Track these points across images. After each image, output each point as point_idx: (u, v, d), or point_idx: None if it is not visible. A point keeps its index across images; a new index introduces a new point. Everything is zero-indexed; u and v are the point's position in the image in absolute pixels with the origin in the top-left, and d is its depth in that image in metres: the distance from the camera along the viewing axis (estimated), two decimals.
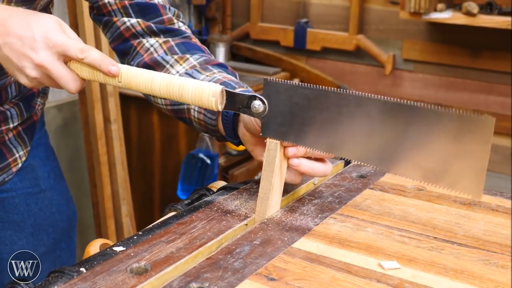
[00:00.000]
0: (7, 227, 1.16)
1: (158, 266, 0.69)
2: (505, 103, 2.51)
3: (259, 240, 0.77)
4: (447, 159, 0.75)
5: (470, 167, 0.73)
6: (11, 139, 1.13)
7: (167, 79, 0.85)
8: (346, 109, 0.79)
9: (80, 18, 2.17)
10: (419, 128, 0.75)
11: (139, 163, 2.64)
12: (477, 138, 0.72)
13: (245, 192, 0.92)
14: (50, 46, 0.83)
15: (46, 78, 0.85)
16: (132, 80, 0.86)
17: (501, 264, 0.73)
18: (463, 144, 0.73)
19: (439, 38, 2.61)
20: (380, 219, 0.85)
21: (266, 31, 2.95)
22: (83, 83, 0.88)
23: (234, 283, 0.67)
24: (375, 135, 0.78)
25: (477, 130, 0.72)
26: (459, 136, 0.73)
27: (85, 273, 0.68)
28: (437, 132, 0.74)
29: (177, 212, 0.87)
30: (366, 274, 0.70)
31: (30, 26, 0.83)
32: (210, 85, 0.83)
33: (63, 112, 2.45)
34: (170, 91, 0.84)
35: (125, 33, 1.03)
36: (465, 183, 0.74)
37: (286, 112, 0.82)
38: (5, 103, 1.09)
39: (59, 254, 1.24)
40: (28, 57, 0.83)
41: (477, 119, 0.71)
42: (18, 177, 1.16)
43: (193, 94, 0.83)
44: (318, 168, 0.86)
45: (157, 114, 2.52)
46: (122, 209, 2.41)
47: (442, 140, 0.74)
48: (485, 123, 0.71)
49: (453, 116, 0.73)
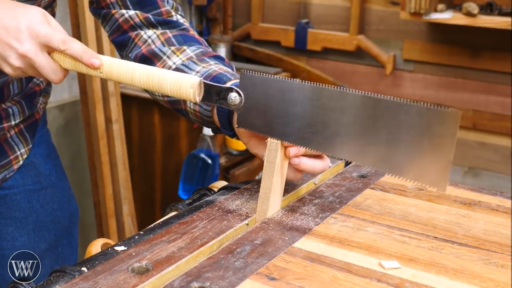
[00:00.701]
0: (9, 223, 1.17)
1: (160, 266, 0.69)
2: (505, 103, 2.52)
3: (260, 239, 0.77)
4: (414, 152, 0.76)
5: (436, 160, 0.75)
6: (13, 137, 1.14)
7: (147, 70, 0.86)
8: (318, 102, 0.80)
9: (82, 18, 2.18)
10: (387, 121, 0.76)
11: (140, 163, 2.64)
12: (443, 131, 0.73)
13: (246, 192, 0.92)
14: (34, 36, 0.85)
15: (30, 68, 0.87)
16: (113, 72, 0.87)
17: (501, 264, 0.74)
18: (430, 137, 0.74)
19: (439, 38, 2.61)
20: (380, 219, 0.85)
21: (267, 32, 2.95)
22: (65, 73, 0.90)
23: (235, 283, 0.67)
24: (345, 128, 0.79)
25: (444, 123, 0.73)
26: (426, 129, 0.74)
27: (87, 273, 0.68)
28: (404, 124, 0.75)
29: (178, 212, 0.87)
30: (366, 274, 0.70)
31: (16, 17, 0.85)
32: (188, 77, 0.84)
33: (64, 112, 2.46)
34: (150, 83, 0.86)
35: (124, 25, 1.05)
36: (430, 175, 0.76)
37: (262, 105, 0.84)
38: (7, 101, 1.10)
39: (61, 251, 1.25)
40: (12, 47, 0.84)
41: (444, 112, 0.72)
42: (20, 174, 1.17)
43: (172, 85, 0.84)
44: (317, 166, 0.87)
45: (158, 114, 2.52)
46: (124, 208, 2.41)
47: (409, 133, 0.75)
48: (452, 116, 0.72)
49: (420, 109, 0.74)
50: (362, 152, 0.79)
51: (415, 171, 0.77)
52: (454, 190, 0.97)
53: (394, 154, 0.77)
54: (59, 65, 0.88)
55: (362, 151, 0.79)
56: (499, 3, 2.37)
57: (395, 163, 0.78)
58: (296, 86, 0.82)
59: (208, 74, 0.95)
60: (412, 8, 2.36)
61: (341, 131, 0.80)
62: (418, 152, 0.76)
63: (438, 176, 0.75)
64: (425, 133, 0.74)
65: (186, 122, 2.46)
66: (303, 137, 0.82)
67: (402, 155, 0.77)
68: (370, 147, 0.79)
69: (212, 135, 2.38)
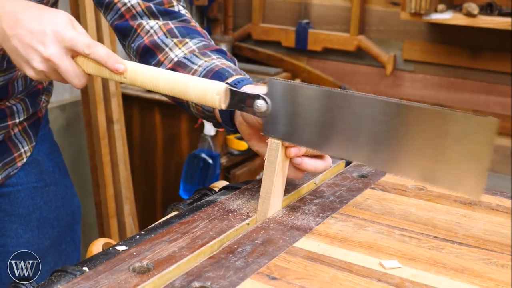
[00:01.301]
0: (13, 220, 1.17)
1: (161, 265, 0.69)
2: (505, 103, 2.52)
3: (261, 239, 0.77)
4: (449, 160, 0.74)
5: (471, 167, 0.73)
6: (17, 134, 1.15)
7: (172, 77, 0.86)
8: (348, 110, 0.79)
9: (83, 18, 2.17)
10: (423, 129, 0.75)
11: (141, 163, 2.64)
12: (480, 139, 0.72)
13: (247, 192, 0.93)
14: (60, 40, 0.85)
15: (53, 72, 0.87)
16: (138, 78, 0.87)
17: (501, 263, 0.74)
18: (466, 145, 0.73)
19: (439, 38, 2.61)
20: (381, 219, 0.85)
21: (267, 32, 2.95)
22: (88, 78, 0.90)
23: (236, 282, 0.67)
24: (378, 136, 0.78)
25: (480, 131, 0.72)
26: (462, 137, 0.73)
27: (88, 272, 0.68)
28: (440, 133, 0.74)
29: (179, 212, 0.87)
30: (367, 273, 0.70)
31: (42, 21, 0.85)
32: (214, 84, 0.83)
33: (66, 112, 2.46)
34: (174, 89, 0.85)
35: (126, 14, 1.05)
36: (466, 184, 0.74)
37: (288, 112, 0.83)
38: (11, 98, 1.11)
39: (65, 248, 1.26)
40: (36, 50, 0.84)
41: (481, 120, 0.71)
42: (24, 172, 1.18)
43: (197, 92, 0.84)
44: (319, 165, 0.87)
45: (159, 115, 2.53)
46: (125, 208, 2.42)
47: (445, 141, 0.74)
48: (489, 124, 0.71)
49: (458, 117, 0.73)
50: (395, 161, 0.78)
51: (450, 180, 0.75)
52: None
53: (427, 162, 0.76)
54: (82, 70, 0.88)
55: (395, 160, 0.78)
56: (499, 3, 2.37)
57: (429, 171, 0.76)
58: (324, 93, 0.80)
59: (210, 69, 0.95)
60: (412, 8, 2.37)
61: (373, 139, 0.78)
62: (453, 160, 0.74)
63: (473, 184, 0.74)
64: (461, 141, 0.73)
65: (187, 122, 2.46)
66: (325, 142, 0.81)
67: (436, 163, 0.75)
68: (402, 155, 0.77)
69: (213, 135, 2.39)
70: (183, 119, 2.46)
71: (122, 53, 2.55)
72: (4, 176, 1.15)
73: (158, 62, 1.01)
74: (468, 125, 0.72)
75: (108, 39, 2.24)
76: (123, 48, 1.08)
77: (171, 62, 0.99)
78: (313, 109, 0.81)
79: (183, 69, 0.98)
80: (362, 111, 0.78)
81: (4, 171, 1.14)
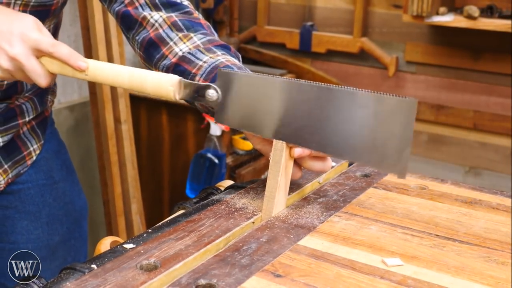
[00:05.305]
0: (23, 217, 1.19)
1: (167, 263, 0.69)
2: (506, 104, 2.52)
3: (266, 237, 0.78)
4: (375, 140, 0.78)
5: (395, 147, 0.77)
6: (26, 133, 1.17)
7: (129, 73, 0.88)
8: (287, 95, 0.83)
9: (92, 21, 2.19)
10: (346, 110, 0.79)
11: (148, 163, 2.65)
12: (401, 119, 0.76)
13: (252, 191, 0.93)
14: (25, 40, 0.88)
15: (18, 71, 0.90)
16: (98, 75, 0.90)
17: (501, 261, 0.74)
18: (390, 125, 0.77)
19: (441, 40, 2.61)
20: (383, 217, 0.86)
21: (272, 34, 2.96)
22: (52, 77, 0.93)
23: (241, 280, 0.67)
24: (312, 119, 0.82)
25: (402, 112, 0.75)
26: (386, 118, 0.77)
27: (96, 270, 0.69)
28: (368, 115, 0.78)
29: (186, 210, 0.88)
30: (370, 271, 0.71)
31: (10, 23, 0.88)
32: (168, 76, 0.86)
33: (74, 113, 2.47)
34: (132, 83, 0.88)
35: (129, 6, 1.06)
36: (390, 163, 0.78)
37: (237, 101, 0.87)
38: (20, 97, 1.14)
39: (73, 243, 1.28)
40: (3, 49, 0.87)
41: (402, 101, 0.75)
42: (33, 170, 1.20)
43: (152, 85, 0.87)
44: (317, 166, 0.89)
45: (166, 115, 2.54)
46: (132, 207, 2.42)
47: (372, 122, 0.78)
48: (409, 105, 0.75)
49: (382, 99, 0.77)
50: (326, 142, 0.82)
51: (377, 159, 0.79)
52: (456, 189, 0.98)
53: (355, 142, 0.80)
54: (46, 69, 0.91)
55: (327, 142, 0.82)
56: (500, 6, 2.37)
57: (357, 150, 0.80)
58: (271, 82, 0.84)
59: (215, 65, 0.96)
60: (414, 11, 2.37)
61: (308, 122, 0.82)
62: (378, 140, 0.78)
63: (397, 163, 0.77)
64: (383, 121, 0.77)
65: (193, 122, 2.47)
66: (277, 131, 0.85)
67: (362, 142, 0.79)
68: (331, 137, 0.81)
69: (219, 135, 2.39)
70: (189, 120, 2.47)
71: (130, 55, 2.56)
72: (15, 174, 1.16)
73: (162, 56, 1.02)
74: (391, 106, 0.76)
75: (116, 41, 2.25)
76: (127, 40, 1.10)
77: (176, 56, 1.00)
78: (258, 97, 0.85)
79: (188, 64, 0.99)
80: (298, 96, 0.82)
81: (14, 169, 1.16)
